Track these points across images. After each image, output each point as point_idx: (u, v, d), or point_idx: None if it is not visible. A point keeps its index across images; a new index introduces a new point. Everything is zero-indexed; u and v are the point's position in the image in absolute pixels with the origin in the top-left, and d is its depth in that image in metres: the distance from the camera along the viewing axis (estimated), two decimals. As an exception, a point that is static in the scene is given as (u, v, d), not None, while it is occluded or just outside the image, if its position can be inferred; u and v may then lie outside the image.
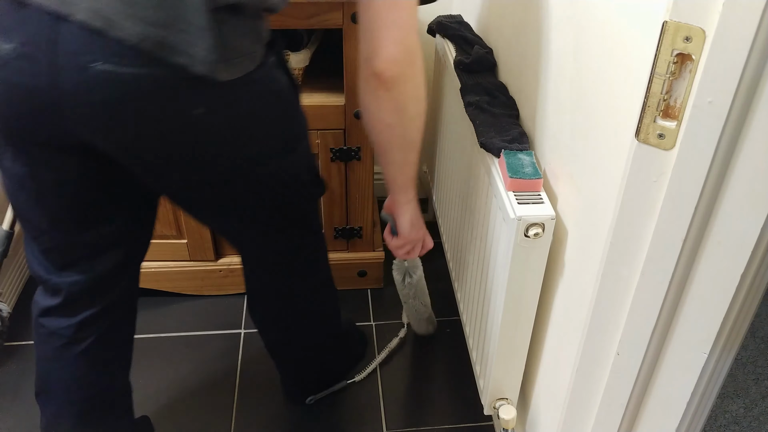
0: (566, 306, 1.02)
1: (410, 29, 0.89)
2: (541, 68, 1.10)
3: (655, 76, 0.64)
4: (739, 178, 0.65)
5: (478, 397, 1.30)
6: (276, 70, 0.90)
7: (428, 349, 1.60)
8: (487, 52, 1.38)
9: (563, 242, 1.01)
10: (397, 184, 1.10)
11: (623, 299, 0.79)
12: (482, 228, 1.19)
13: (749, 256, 0.69)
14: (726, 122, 0.62)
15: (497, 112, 1.20)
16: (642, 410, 0.88)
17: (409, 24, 0.89)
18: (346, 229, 1.66)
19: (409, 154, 1.04)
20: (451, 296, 1.55)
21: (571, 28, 0.95)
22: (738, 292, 0.72)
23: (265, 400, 1.44)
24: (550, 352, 1.11)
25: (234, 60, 0.80)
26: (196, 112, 0.81)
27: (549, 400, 1.13)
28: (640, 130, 0.67)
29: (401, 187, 1.11)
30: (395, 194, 1.12)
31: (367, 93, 0.93)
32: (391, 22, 0.87)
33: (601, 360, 0.86)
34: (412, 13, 0.89)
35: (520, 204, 0.99)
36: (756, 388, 1.54)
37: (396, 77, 0.89)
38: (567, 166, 0.99)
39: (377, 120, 0.96)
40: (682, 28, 0.60)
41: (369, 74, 0.90)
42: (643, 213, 0.72)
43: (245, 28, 0.81)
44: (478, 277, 1.25)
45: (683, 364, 0.80)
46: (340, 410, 1.44)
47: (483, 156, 1.14)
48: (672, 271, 0.73)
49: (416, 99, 0.94)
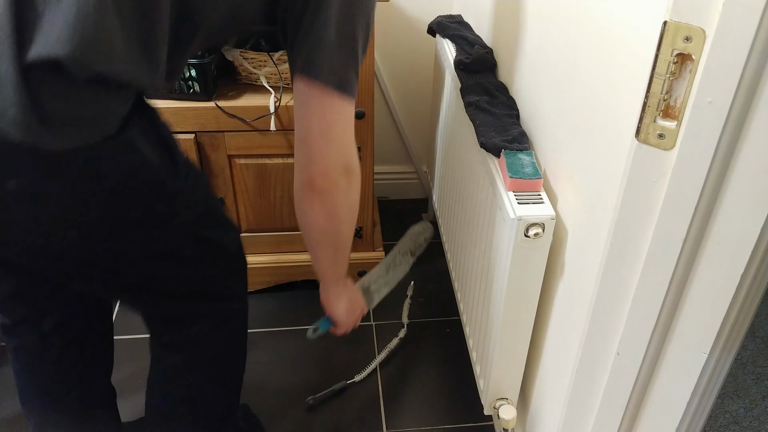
0: (566, 306, 1.02)
1: (345, 144, 0.89)
2: (541, 68, 1.10)
3: (655, 76, 0.64)
4: (739, 178, 0.65)
5: (478, 397, 1.29)
6: (137, 143, 0.79)
7: (428, 349, 1.60)
8: (487, 52, 1.38)
9: (563, 242, 1.01)
10: (327, 278, 1.07)
11: (623, 299, 0.79)
12: (482, 228, 1.19)
13: (749, 256, 0.69)
14: (726, 122, 0.62)
15: (497, 112, 1.20)
16: (642, 410, 0.88)
17: (344, 138, 0.88)
18: (346, 229, 1.66)
19: (340, 253, 1.02)
20: (451, 296, 1.55)
21: (571, 28, 0.95)
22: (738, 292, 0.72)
23: (264, 400, 1.44)
24: (550, 352, 1.11)
25: (60, 128, 0.70)
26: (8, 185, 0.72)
27: (549, 400, 1.13)
28: (640, 130, 0.67)
29: (332, 280, 1.07)
30: (327, 286, 1.08)
31: (301, 199, 0.93)
32: (327, 137, 0.86)
33: (601, 360, 0.86)
34: (348, 128, 0.88)
35: (520, 204, 0.99)
36: (756, 388, 1.54)
37: (329, 189, 0.90)
38: (567, 166, 0.99)
39: (309, 223, 0.95)
40: (682, 28, 0.60)
41: (303, 182, 0.90)
42: (643, 213, 0.72)
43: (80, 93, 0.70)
44: (478, 277, 1.25)
45: (683, 364, 0.80)
46: (340, 410, 1.44)
47: (483, 156, 1.14)
48: (672, 271, 0.73)
49: (349, 208, 0.95)
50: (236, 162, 1.51)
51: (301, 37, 0.82)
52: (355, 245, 1.70)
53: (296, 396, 1.47)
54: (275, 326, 1.63)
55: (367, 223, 1.66)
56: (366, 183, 1.58)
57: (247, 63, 1.45)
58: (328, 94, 0.83)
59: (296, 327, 1.64)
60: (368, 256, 1.72)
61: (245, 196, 1.57)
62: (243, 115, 1.43)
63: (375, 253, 1.72)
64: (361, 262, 1.72)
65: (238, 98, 1.45)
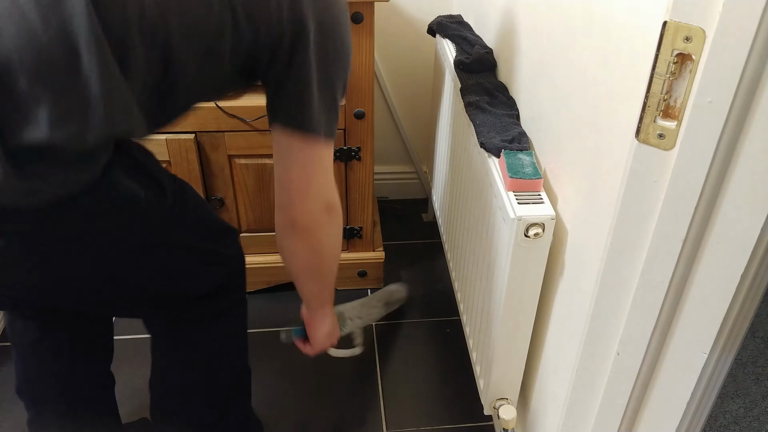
0: (566, 306, 1.02)
1: (326, 186, 0.90)
2: (541, 68, 1.10)
3: (655, 76, 0.64)
4: (739, 178, 0.65)
5: (478, 397, 1.29)
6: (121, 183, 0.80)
7: (428, 349, 1.60)
8: (487, 52, 1.38)
9: (563, 242, 1.01)
10: (312, 305, 1.08)
11: (623, 299, 0.79)
12: (482, 228, 1.19)
13: (749, 256, 0.69)
14: (726, 122, 0.62)
15: (497, 112, 1.20)
16: (642, 410, 0.88)
17: (325, 181, 0.90)
18: (346, 229, 1.66)
19: (325, 284, 1.04)
20: (451, 296, 1.55)
21: (571, 27, 0.95)
22: (738, 292, 0.72)
23: (264, 400, 1.44)
24: (550, 352, 1.11)
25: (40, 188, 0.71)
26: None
27: (549, 400, 1.13)
28: (641, 130, 0.67)
29: (318, 306, 1.09)
30: (313, 311, 1.10)
31: (284, 237, 0.95)
32: (307, 182, 0.88)
33: (601, 360, 0.86)
34: (328, 170, 0.90)
35: (520, 204, 0.99)
36: (756, 388, 1.54)
37: (311, 227, 0.92)
38: (567, 166, 0.99)
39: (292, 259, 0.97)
40: (682, 28, 0.60)
41: (284, 222, 0.92)
42: (643, 213, 0.72)
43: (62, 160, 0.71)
44: (478, 277, 1.25)
45: (683, 364, 0.80)
46: (340, 410, 1.44)
47: (483, 156, 1.14)
48: (672, 271, 0.73)
49: (332, 244, 0.97)
50: (236, 162, 1.51)
51: (281, 96, 0.84)
52: (355, 245, 1.70)
53: (296, 396, 1.47)
54: (275, 326, 1.63)
55: (367, 223, 1.66)
56: (366, 183, 1.58)
57: (247, 63, 1.45)
58: (307, 143, 0.86)
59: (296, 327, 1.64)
60: (368, 256, 1.72)
61: (245, 196, 1.57)
62: (243, 115, 1.43)
63: (375, 253, 1.72)
64: (361, 262, 1.72)
65: (238, 98, 1.45)
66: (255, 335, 1.60)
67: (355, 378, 1.51)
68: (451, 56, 1.43)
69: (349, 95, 1.43)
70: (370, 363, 1.55)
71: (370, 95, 1.45)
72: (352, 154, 1.52)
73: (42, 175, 0.70)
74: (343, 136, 1.49)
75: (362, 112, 1.46)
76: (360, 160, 1.53)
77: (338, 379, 1.50)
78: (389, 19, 1.79)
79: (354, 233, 1.67)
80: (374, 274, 1.75)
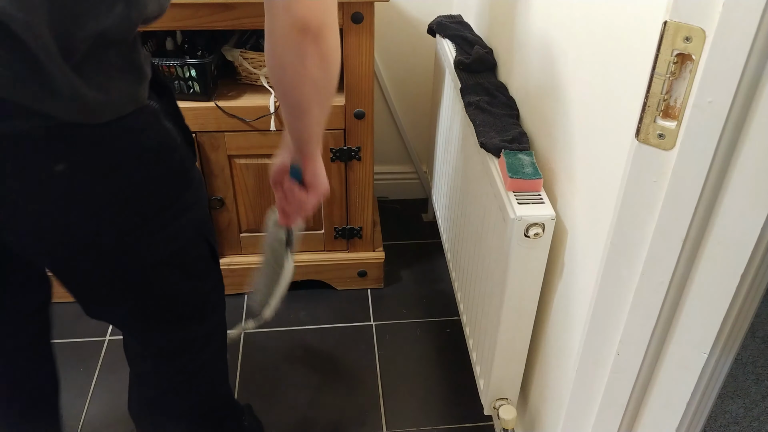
0: (566, 306, 1.02)
1: None
2: (541, 68, 1.10)
3: (655, 76, 0.64)
4: (739, 178, 0.65)
5: (478, 397, 1.29)
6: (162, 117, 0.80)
7: (428, 349, 1.60)
8: (487, 52, 1.38)
9: (563, 242, 1.01)
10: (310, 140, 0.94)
11: (623, 299, 0.79)
12: (482, 228, 1.19)
13: (749, 256, 0.69)
14: (726, 122, 0.62)
15: (497, 112, 1.20)
16: (642, 410, 0.88)
17: None
18: (346, 229, 1.66)
19: (328, 107, 0.91)
20: (451, 296, 1.55)
21: (571, 27, 0.95)
22: (738, 292, 0.72)
23: (264, 400, 1.45)
24: (550, 353, 1.11)
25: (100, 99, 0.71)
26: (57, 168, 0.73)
27: (549, 400, 1.13)
28: (640, 130, 0.67)
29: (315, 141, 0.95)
30: (310, 147, 0.95)
31: (288, 48, 0.80)
32: None
33: (601, 360, 0.86)
34: None
35: (520, 204, 0.99)
36: (756, 388, 1.54)
37: (321, 26, 0.78)
38: (567, 166, 0.99)
39: (300, 76, 0.83)
40: (682, 28, 0.60)
41: (290, 25, 0.77)
42: (643, 213, 0.72)
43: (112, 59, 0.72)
44: (478, 277, 1.25)
45: (683, 364, 0.80)
46: (341, 410, 1.44)
47: (483, 156, 1.14)
48: (672, 271, 0.73)
49: (337, 49, 0.84)
50: (236, 162, 1.51)
51: None
52: (355, 245, 1.70)
53: (296, 396, 1.47)
54: (274, 326, 1.63)
55: (367, 223, 1.66)
56: (366, 183, 1.58)
57: (247, 63, 1.45)
58: None
59: (296, 327, 1.64)
60: (368, 256, 1.72)
61: (245, 196, 1.57)
62: (243, 115, 1.43)
63: (375, 253, 1.72)
64: (361, 262, 1.72)
65: (238, 98, 1.45)
66: (254, 335, 1.60)
67: (355, 378, 1.51)
68: (451, 56, 1.43)
69: (349, 95, 1.43)
70: (370, 363, 1.55)
71: (370, 95, 1.45)
72: (352, 154, 1.52)
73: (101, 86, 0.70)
74: (343, 136, 1.49)
75: (362, 112, 1.46)
76: (360, 160, 1.53)
77: (338, 379, 1.50)
78: (389, 19, 1.79)
79: (354, 233, 1.67)
80: (374, 274, 1.75)
